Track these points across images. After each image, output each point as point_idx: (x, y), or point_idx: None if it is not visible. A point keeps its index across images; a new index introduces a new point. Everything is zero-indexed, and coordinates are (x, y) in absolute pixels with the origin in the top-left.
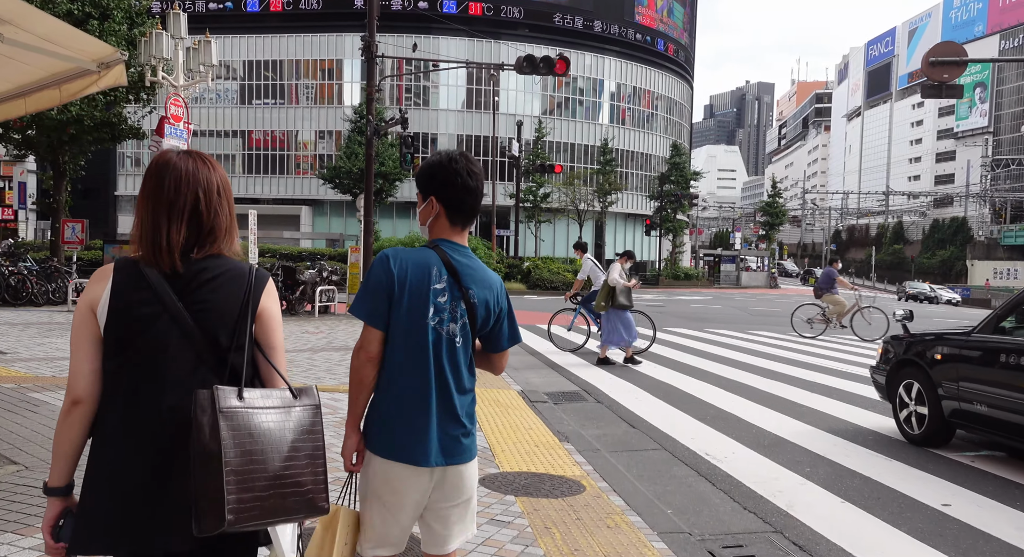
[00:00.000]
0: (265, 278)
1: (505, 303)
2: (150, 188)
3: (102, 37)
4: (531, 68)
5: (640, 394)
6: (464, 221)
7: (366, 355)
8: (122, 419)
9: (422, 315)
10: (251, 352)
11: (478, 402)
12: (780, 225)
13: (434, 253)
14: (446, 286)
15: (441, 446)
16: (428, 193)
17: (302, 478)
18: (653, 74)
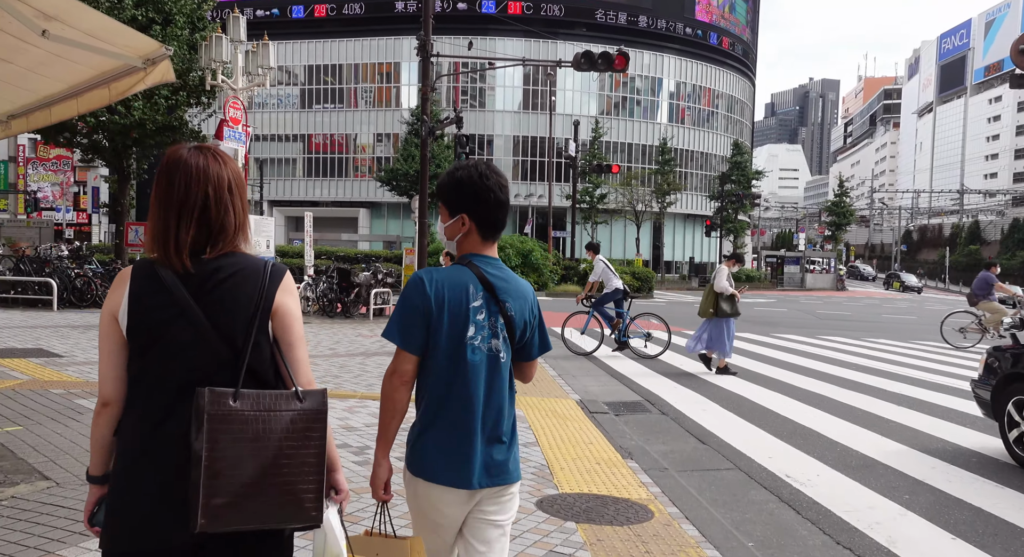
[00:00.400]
0: (281, 273)
1: (538, 311)
2: (161, 188)
3: (165, 42)
4: (589, 64)
5: (708, 405)
6: (495, 235)
7: (399, 379)
8: (143, 421)
9: (463, 335)
10: (271, 351)
11: (534, 412)
12: (847, 225)
13: (468, 270)
14: (483, 303)
15: (486, 468)
16: (458, 210)
17: (294, 485)
18: (714, 71)
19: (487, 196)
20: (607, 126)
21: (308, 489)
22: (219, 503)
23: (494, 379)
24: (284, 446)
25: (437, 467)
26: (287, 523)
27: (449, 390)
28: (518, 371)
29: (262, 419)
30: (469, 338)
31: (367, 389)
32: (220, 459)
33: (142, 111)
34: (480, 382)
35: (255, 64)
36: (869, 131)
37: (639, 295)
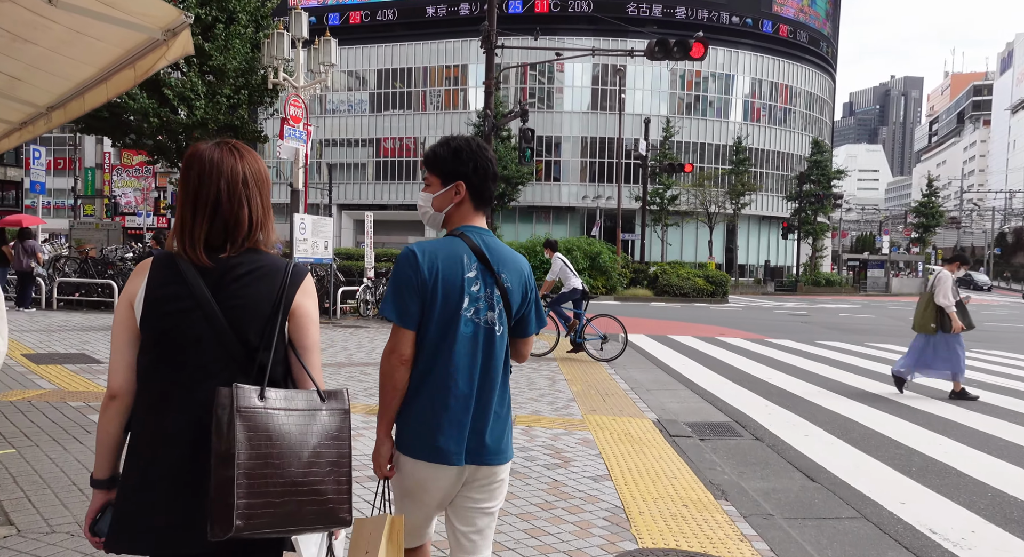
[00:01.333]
0: (302, 275)
1: (534, 283)
2: (182, 181)
3: (228, 41)
4: (664, 53)
5: (810, 429)
6: (486, 206)
7: (398, 358)
8: (154, 416)
9: (457, 308)
10: (284, 351)
11: (605, 434)
12: (936, 227)
13: (461, 241)
14: (478, 274)
15: (476, 444)
16: (454, 177)
17: (323, 486)
18: (792, 68)
19: (485, 165)
20: (678, 125)
21: (339, 489)
22: (255, 504)
23: (488, 353)
24: (314, 445)
25: (421, 442)
26: (317, 525)
27: (437, 363)
28: (513, 349)
29: (292, 418)
30: (464, 310)
31: None
32: (253, 458)
33: (204, 110)
34: (471, 355)
35: (317, 61)
36: (956, 129)
37: (714, 299)
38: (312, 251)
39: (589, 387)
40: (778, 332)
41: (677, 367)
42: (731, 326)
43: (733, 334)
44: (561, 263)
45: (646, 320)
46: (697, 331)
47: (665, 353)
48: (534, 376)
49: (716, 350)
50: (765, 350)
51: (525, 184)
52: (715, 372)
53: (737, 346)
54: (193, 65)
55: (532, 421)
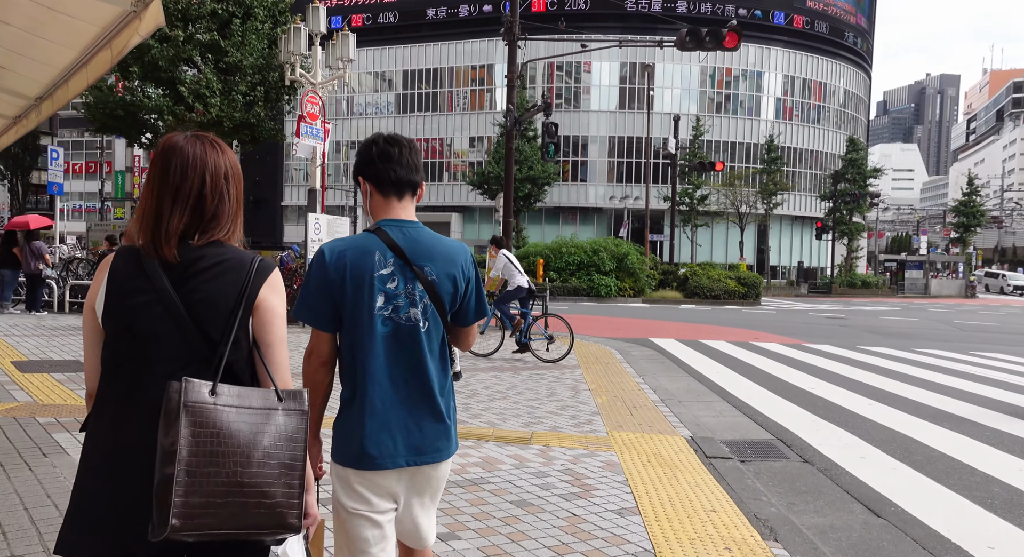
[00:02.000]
0: (268, 269)
1: (473, 273)
2: (156, 172)
3: (244, 36)
4: (695, 43)
5: (866, 450)
6: (397, 191)
7: (318, 360)
8: (113, 412)
9: (370, 307)
10: (249, 348)
11: (632, 456)
12: (976, 227)
13: (374, 236)
14: (395, 270)
15: (409, 446)
16: (357, 175)
17: (271, 489)
18: (825, 64)
19: (370, 149)
20: (708, 123)
21: (289, 493)
22: (194, 503)
23: (414, 351)
24: (266, 446)
25: (349, 449)
26: (263, 529)
27: (360, 365)
28: (453, 338)
29: (243, 416)
30: (378, 309)
31: None
32: (196, 455)
33: (219, 108)
34: (393, 355)
35: (335, 57)
36: (995, 127)
37: (746, 302)
38: None
39: (615, 398)
40: (816, 336)
41: (711, 375)
42: (765, 330)
43: (768, 338)
44: (505, 260)
45: (676, 323)
46: (730, 335)
47: (697, 359)
48: (556, 386)
49: (752, 356)
50: (804, 356)
51: (551, 185)
52: (752, 381)
53: (774, 352)
54: (208, 62)
55: (551, 439)
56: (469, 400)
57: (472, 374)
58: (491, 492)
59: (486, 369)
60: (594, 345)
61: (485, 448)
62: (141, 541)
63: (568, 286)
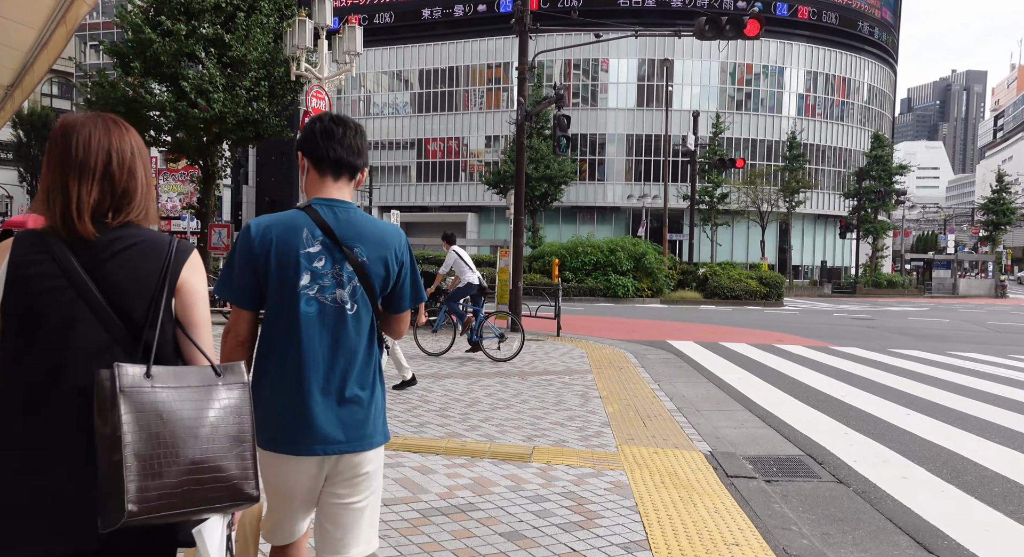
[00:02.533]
0: (188, 250)
1: (407, 257)
2: (57, 151)
3: (249, 30)
4: (715, 31)
5: (908, 469)
6: (334, 171)
7: (235, 339)
8: (24, 408)
9: (294, 284)
10: (172, 330)
11: (643, 475)
12: (1007, 225)
13: (303, 213)
14: (322, 248)
15: (329, 433)
16: (297, 150)
17: (224, 463)
18: (850, 59)
19: (313, 126)
20: (728, 120)
21: (243, 464)
22: (148, 487)
23: (339, 333)
24: (211, 422)
25: (272, 432)
26: (223, 503)
27: (281, 346)
28: (386, 325)
29: (184, 394)
30: (303, 288)
31: (415, 431)
32: (142, 439)
33: (223, 104)
34: (317, 336)
35: (341, 51)
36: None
37: (768, 302)
38: None
39: (627, 407)
40: (843, 338)
41: (731, 381)
42: (789, 332)
43: (793, 341)
44: (455, 256)
45: (695, 325)
46: (752, 337)
47: (717, 363)
48: (564, 393)
49: (775, 360)
50: (832, 360)
51: (568, 184)
52: (776, 387)
53: (799, 355)
54: (211, 56)
55: (554, 456)
56: (469, 410)
57: (476, 380)
58: (479, 522)
59: (492, 374)
60: (608, 348)
61: (479, 467)
62: (58, 538)
63: (584, 286)
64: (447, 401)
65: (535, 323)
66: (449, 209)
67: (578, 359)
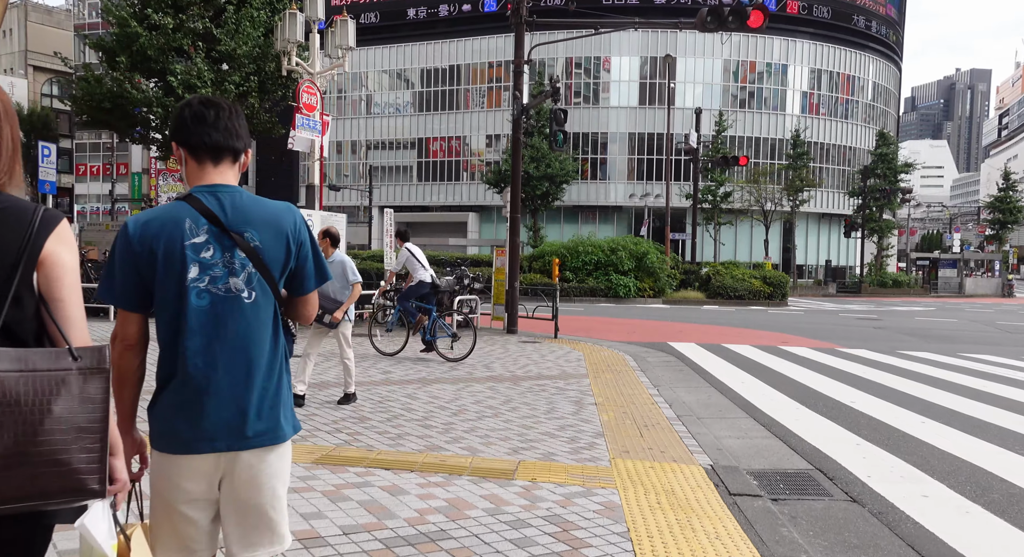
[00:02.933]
0: (54, 220)
1: (305, 235)
2: None
3: (239, 24)
4: (717, 23)
5: (928, 486)
6: (213, 156)
7: (123, 344)
8: None
9: (182, 279)
10: (34, 307)
11: (637, 494)
12: (1013, 224)
13: (184, 204)
14: (209, 238)
15: (229, 428)
16: (172, 141)
17: (66, 455)
18: (854, 57)
19: (183, 112)
20: (731, 118)
21: (89, 458)
22: None
23: (236, 324)
24: (56, 411)
25: (164, 433)
26: (63, 497)
27: (175, 343)
28: (291, 309)
29: (25, 380)
30: (192, 281)
31: (392, 444)
32: None
33: None
34: (212, 329)
35: (334, 45)
36: None
37: (772, 302)
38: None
39: (624, 414)
40: (850, 340)
41: (734, 386)
42: (794, 333)
43: (798, 342)
44: (408, 254)
45: (697, 326)
46: (755, 339)
47: (719, 366)
48: (558, 400)
49: (780, 363)
50: (839, 362)
51: (570, 183)
52: (781, 392)
53: (805, 358)
54: (200, 50)
55: (540, 472)
56: (454, 419)
57: (465, 386)
58: (449, 552)
59: (482, 379)
60: (607, 350)
61: (456, 485)
62: None
63: (585, 286)
64: (431, 409)
65: (533, 324)
66: (450, 209)
67: (575, 362)
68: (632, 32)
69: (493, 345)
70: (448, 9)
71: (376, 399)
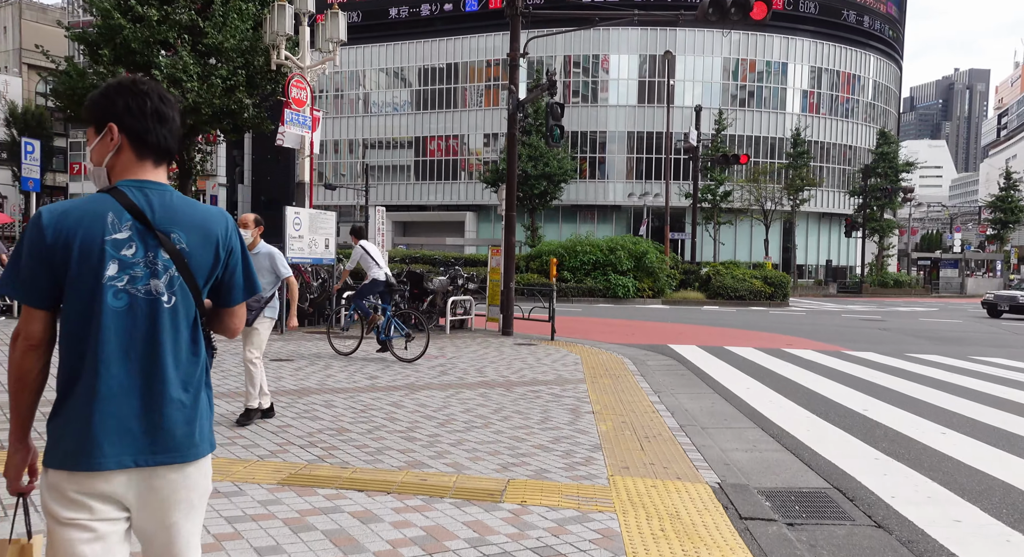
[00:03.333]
0: None
1: (236, 244)
2: None
3: (226, 16)
4: (719, 14)
5: (960, 508)
6: (156, 157)
7: (26, 343)
8: None
9: (98, 276)
10: None
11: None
12: (1015, 223)
13: (108, 196)
14: (132, 234)
15: (140, 442)
16: (105, 120)
17: None
18: (854, 55)
19: (142, 101)
20: (731, 117)
21: None
22: None
23: (155, 329)
24: None
25: (66, 447)
26: None
27: (83, 345)
28: (217, 322)
29: None
30: (109, 279)
31: (369, 460)
32: None
33: (196, 93)
34: (127, 333)
35: (324, 38)
36: None
37: (773, 302)
38: (310, 250)
39: (623, 424)
40: (856, 342)
41: (739, 392)
42: (798, 334)
43: (802, 344)
44: (362, 251)
45: (698, 327)
46: (758, 341)
47: (722, 371)
48: (553, 407)
49: (785, 367)
50: (847, 366)
51: (568, 182)
52: (789, 399)
53: (811, 361)
54: (186, 43)
55: (531, 492)
56: (440, 430)
57: (455, 392)
58: None
59: (474, 385)
60: (605, 353)
61: (436, 510)
62: None
63: (583, 286)
64: (417, 419)
65: (529, 326)
66: (448, 208)
67: (571, 366)
68: (631, 30)
69: (487, 348)
70: (430, 8)
71: (359, 407)
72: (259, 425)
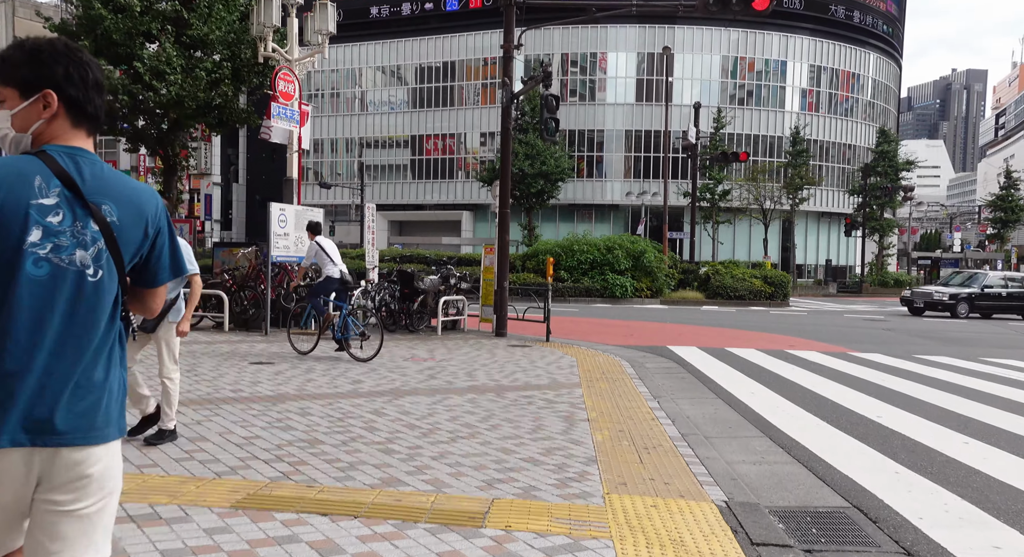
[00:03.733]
0: None
1: (164, 222)
2: None
3: (211, 7)
4: (720, 4)
5: (996, 531)
6: (91, 126)
7: None
8: None
9: (19, 241)
10: None
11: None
12: (1015, 222)
13: (36, 159)
14: (60, 201)
15: (42, 420)
16: (39, 85)
17: None
18: (854, 53)
19: (84, 71)
20: (730, 115)
21: None
22: None
23: (76, 302)
24: None
25: None
26: None
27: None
28: (137, 300)
29: None
30: (30, 245)
31: (339, 477)
32: None
33: (180, 86)
34: (43, 304)
35: (312, 30)
36: None
37: (773, 302)
38: (296, 248)
39: (621, 434)
40: (861, 343)
41: (743, 397)
42: (800, 335)
43: (806, 346)
44: (317, 248)
45: (697, 328)
46: (760, 342)
47: (724, 374)
48: (546, 414)
49: (790, 369)
50: (854, 369)
51: (566, 181)
52: (796, 405)
53: (816, 363)
54: (169, 35)
55: (518, 515)
56: (422, 441)
57: (443, 398)
58: None
59: (463, 390)
60: (602, 355)
61: (408, 538)
62: None
63: (580, 286)
64: (398, 428)
65: (524, 326)
66: (444, 207)
67: (567, 369)
68: (629, 28)
69: (479, 350)
70: (411, 8)
71: (336, 416)
72: (223, 437)
